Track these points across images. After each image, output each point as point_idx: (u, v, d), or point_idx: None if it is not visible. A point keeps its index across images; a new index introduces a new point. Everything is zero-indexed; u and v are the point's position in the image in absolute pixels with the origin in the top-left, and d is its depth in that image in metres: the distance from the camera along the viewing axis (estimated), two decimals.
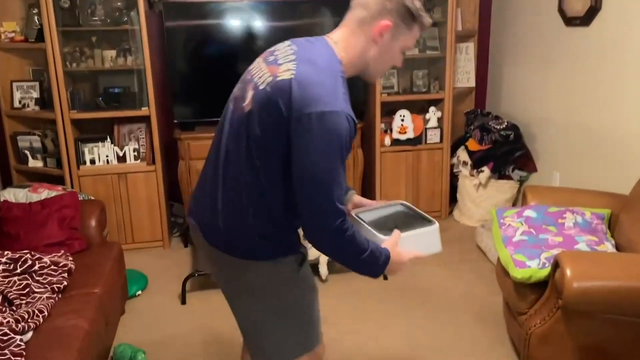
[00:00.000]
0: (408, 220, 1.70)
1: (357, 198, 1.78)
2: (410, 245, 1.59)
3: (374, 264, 1.48)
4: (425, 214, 1.72)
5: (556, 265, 2.10)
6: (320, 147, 1.33)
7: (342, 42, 1.48)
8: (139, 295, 3.10)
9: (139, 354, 2.44)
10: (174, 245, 3.79)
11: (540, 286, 2.24)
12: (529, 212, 2.62)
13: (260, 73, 1.46)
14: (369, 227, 1.59)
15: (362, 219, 1.64)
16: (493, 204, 3.92)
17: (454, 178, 4.17)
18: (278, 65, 1.43)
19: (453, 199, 4.23)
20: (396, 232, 1.57)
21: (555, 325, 2.13)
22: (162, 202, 3.67)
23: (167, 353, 2.58)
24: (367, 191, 4.13)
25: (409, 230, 1.61)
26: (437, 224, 1.66)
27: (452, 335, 2.68)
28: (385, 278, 3.26)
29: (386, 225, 1.63)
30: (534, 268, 2.23)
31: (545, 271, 2.19)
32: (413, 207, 1.77)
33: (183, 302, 3.03)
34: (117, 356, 2.46)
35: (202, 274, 3.08)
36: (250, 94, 1.45)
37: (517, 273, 2.25)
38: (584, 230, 2.47)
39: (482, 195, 3.98)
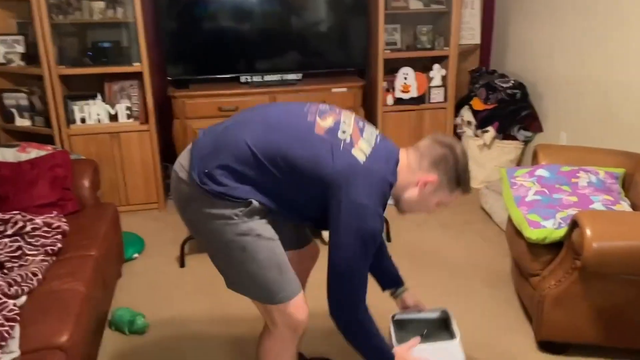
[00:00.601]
0: (437, 329, 1.87)
1: (409, 299, 1.96)
2: (428, 355, 1.72)
3: (377, 358, 1.64)
4: (455, 327, 1.82)
5: (574, 225, 2.02)
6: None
7: (402, 168, 1.58)
8: (135, 258, 3.00)
9: (138, 317, 2.36)
10: (170, 208, 3.68)
11: (554, 247, 2.17)
12: (541, 172, 2.53)
13: (346, 125, 1.56)
14: (393, 332, 1.81)
15: (395, 321, 1.88)
16: (497, 165, 3.83)
17: (457, 139, 4.05)
18: (361, 135, 1.56)
19: None
20: (414, 339, 1.73)
21: (570, 287, 2.07)
22: (157, 163, 3.54)
23: (166, 317, 2.50)
24: None
25: (431, 340, 1.77)
26: (457, 339, 1.75)
27: (459, 299, 2.62)
28: (389, 240, 3.18)
29: (416, 330, 1.84)
30: (550, 228, 2.15)
31: (562, 231, 2.11)
32: (451, 317, 1.89)
33: (182, 264, 2.94)
34: (115, 320, 2.38)
35: None
36: (329, 123, 1.55)
37: (532, 234, 2.16)
38: (599, 190, 2.38)
39: (485, 156, 3.89)
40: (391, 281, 1.97)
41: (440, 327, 1.90)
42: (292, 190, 1.52)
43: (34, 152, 2.82)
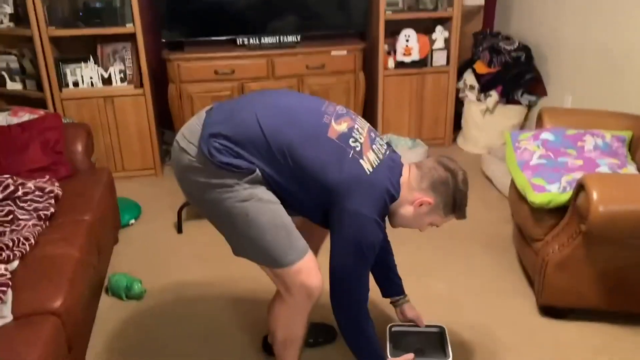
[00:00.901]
0: (431, 347, 1.92)
1: (409, 311, 1.99)
2: None
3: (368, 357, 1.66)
4: (449, 346, 1.87)
5: (580, 188, 1.97)
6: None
7: (402, 184, 1.60)
8: (132, 224, 2.96)
9: (135, 283, 2.33)
10: (167, 174, 3.62)
11: (558, 212, 2.12)
12: (546, 135, 2.46)
13: (358, 134, 1.57)
14: (388, 343, 1.88)
15: (392, 333, 1.95)
16: (499, 131, 3.76)
17: (459, 104, 3.97)
18: (372, 146, 1.58)
19: (457, 126, 4.06)
20: (408, 355, 1.77)
21: (574, 252, 2.03)
22: (153, 128, 3.46)
23: (163, 282, 2.47)
24: (369, 118, 3.94)
25: (424, 357, 1.85)
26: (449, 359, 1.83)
27: (459, 264, 2.59)
28: None
29: (411, 344, 1.92)
30: (554, 192, 2.10)
31: (567, 195, 2.06)
32: (446, 335, 1.93)
33: (179, 231, 2.90)
34: (112, 286, 2.35)
35: None
36: (343, 128, 1.56)
37: (536, 198, 2.12)
38: (605, 153, 2.32)
39: (488, 122, 3.81)
40: (393, 290, 2.01)
41: (436, 344, 1.93)
42: (295, 185, 1.53)
43: (26, 116, 2.75)
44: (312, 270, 1.58)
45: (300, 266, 1.55)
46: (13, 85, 3.41)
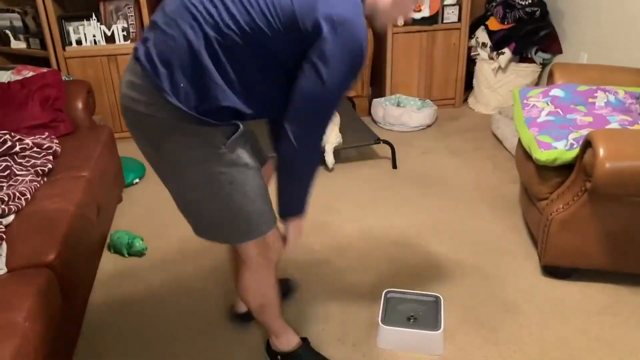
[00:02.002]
0: (425, 316, 1.89)
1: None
2: (412, 339, 1.82)
3: (302, 200, 1.51)
4: (441, 317, 1.85)
5: (587, 145, 1.90)
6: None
7: None
8: (136, 183, 2.96)
9: (137, 240, 2.34)
10: None
11: (564, 169, 2.06)
12: (556, 92, 2.37)
13: None
14: (382, 308, 1.90)
15: (387, 300, 1.94)
16: (512, 90, 3.65)
17: (470, 63, 3.86)
18: None
19: (468, 86, 3.95)
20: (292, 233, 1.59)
21: (579, 211, 1.97)
22: None
23: (165, 240, 2.48)
24: (377, 78, 3.85)
25: (416, 328, 1.83)
26: (440, 331, 1.80)
27: (464, 224, 2.54)
28: (395, 166, 3.09)
29: (405, 312, 1.91)
30: (561, 149, 2.02)
31: (573, 152, 1.99)
32: (441, 305, 1.91)
33: None
34: (113, 243, 2.37)
35: None
36: None
37: (541, 155, 2.05)
38: (617, 110, 2.23)
39: (500, 81, 3.70)
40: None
41: (430, 313, 1.91)
42: (258, 67, 1.30)
43: (29, 74, 2.73)
44: (277, 235, 1.53)
45: (272, 234, 1.50)
46: (17, 44, 3.39)
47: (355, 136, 3.13)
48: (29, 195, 1.88)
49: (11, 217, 1.78)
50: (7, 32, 3.37)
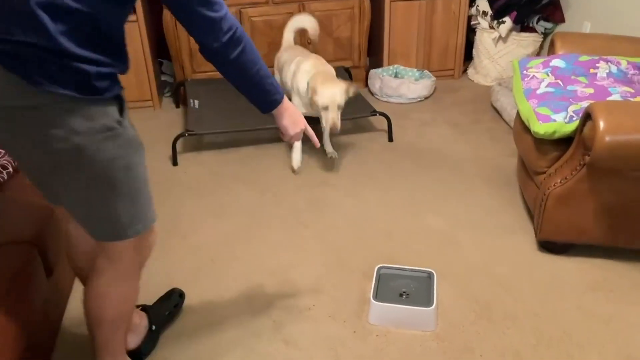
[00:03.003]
0: (417, 292, 1.86)
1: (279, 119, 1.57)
2: (405, 315, 1.78)
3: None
4: (434, 294, 1.82)
5: (586, 117, 1.84)
6: None
7: None
8: None
9: None
10: (165, 106, 3.54)
11: (563, 143, 2.00)
12: (556, 62, 2.30)
13: None
14: (374, 283, 1.87)
15: (380, 275, 1.92)
16: (512, 61, 3.55)
17: (470, 32, 3.75)
18: None
19: (468, 56, 3.86)
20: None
21: (577, 185, 1.92)
22: (148, 57, 3.34)
23: (157, 212, 2.43)
24: (374, 47, 3.75)
25: (408, 304, 1.81)
26: (432, 307, 1.77)
27: (460, 198, 2.50)
28: (391, 139, 3.03)
29: (397, 288, 1.88)
30: (560, 122, 1.96)
31: (572, 125, 1.93)
32: (434, 281, 1.88)
33: (174, 163, 2.85)
34: None
35: (194, 134, 2.86)
36: None
37: (540, 128, 1.99)
38: (619, 81, 2.16)
39: (500, 51, 3.60)
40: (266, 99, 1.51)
41: (423, 289, 1.88)
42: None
43: None
44: (154, 229, 1.43)
45: (154, 226, 1.40)
46: None
47: (351, 108, 3.06)
48: (10, 169, 1.83)
49: None
50: None
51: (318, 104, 2.48)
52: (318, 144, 1.64)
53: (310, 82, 2.55)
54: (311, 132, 1.59)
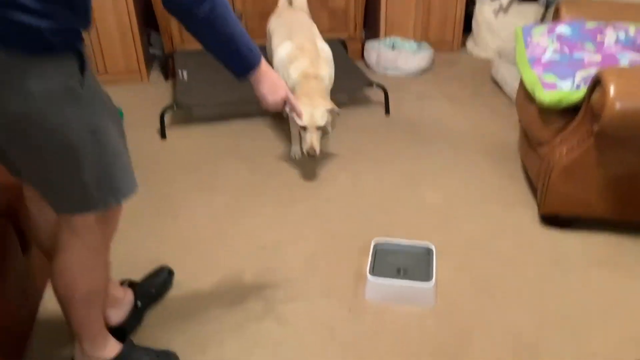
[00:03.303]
0: (415, 268, 1.78)
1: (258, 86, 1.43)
2: (402, 291, 1.70)
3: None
4: (433, 268, 1.75)
5: (595, 84, 1.74)
6: None
7: None
8: None
9: None
10: (154, 79, 3.41)
11: (569, 112, 1.90)
12: (562, 29, 2.19)
13: None
14: (371, 258, 1.79)
15: (376, 250, 1.83)
16: (512, 33, 3.44)
17: (470, 4, 3.63)
18: None
19: (467, 28, 3.74)
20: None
21: (583, 156, 1.83)
22: (135, 27, 3.20)
23: (145, 187, 2.32)
24: (371, 19, 3.62)
25: (406, 279, 1.72)
26: (432, 282, 1.69)
27: (459, 172, 2.41)
28: (387, 112, 2.92)
29: (394, 263, 1.80)
30: (566, 90, 1.87)
31: (580, 93, 1.83)
32: (434, 255, 1.81)
33: (163, 136, 2.73)
34: None
35: (182, 106, 2.74)
36: None
37: (545, 96, 1.89)
38: (627, 48, 2.06)
39: (501, 23, 3.49)
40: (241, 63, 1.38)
41: (421, 264, 1.80)
42: None
43: None
44: (121, 210, 1.33)
45: (120, 205, 1.27)
46: None
47: (346, 80, 2.95)
48: None
49: None
50: None
51: (296, 124, 2.24)
52: (302, 115, 1.53)
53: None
54: (293, 102, 1.48)
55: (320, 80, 2.30)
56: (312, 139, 2.19)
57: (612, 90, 1.64)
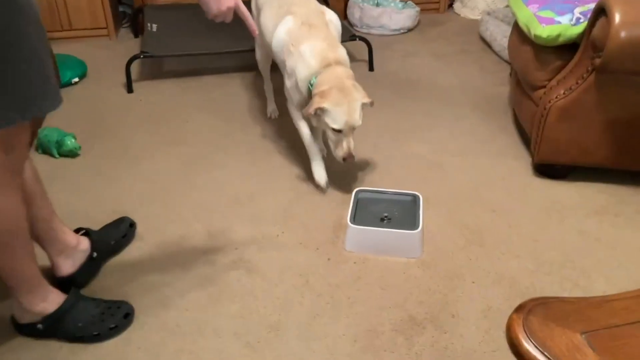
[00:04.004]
0: (401, 217, 1.64)
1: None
2: (386, 240, 1.56)
3: None
4: (420, 216, 1.61)
5: (597, 16, 1.59)
6: None
7: None
8: (75, 83, 2.59)
9: (68, 138, 2.01)
10: (123, 36, 3.19)
11: (567, 51, 1.76)
12: None
13: None
14: (352, 208, 1.64)
15: (358, 199, 1.69)
16: None
17: None
18: None
19: None
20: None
21: (582, 96, 1.69)
22: None
23: (105, 142, 2.14)
24: None
25: (391, 227, 1.59)
26: (418, 230, 1.55)
27: (447, 126, 2.26)
28: (372, 69, 2.76)
29: (378, 213, 1.65)
30: (565, 24, 1.72)
31: (579, 28, 1.69)
32: (420, 203, 1.66)
33: (129, 90, 2.54)
34: (41, 141, 2.03)
35: (150, 56, 2.54)
36: None
37: (543, 31, 1.74)
38: None
39: None
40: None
41: (406, 213, 1.65)
42: None
43: None
44: (28, 131, 1.13)
45: (27, 125, 1.09)
46: None
47: None
48: None
49: None
50: None
51: (327, 125, 1.68)
52: (256, 32, 1.32)
53: (315, 88, 1.69)
54: (246, 14, 1.26)
55: (345, 65, 1.75)
56: (349, 143, 1.69)
57: (617, 17, 1.49)
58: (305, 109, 1.68)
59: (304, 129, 1.85)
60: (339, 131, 1.66)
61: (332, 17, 1.90)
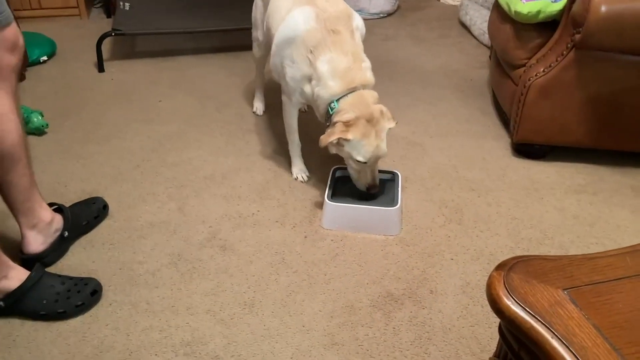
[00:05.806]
0: (379, 195, 1.59)
1: None
2: (364, 217, 1.52)
3: None
4: (399, 194, 1.57)
5: None
6: None
7: None
8: (44, 61, 2.49)
9: (34, 115, 1.93)
10: (95, 17, 3.09)
11: (547, 29, 1.75)
12: None
13: None
14: (329, 186, 1.60)
15: (336, 178, 1.66)
16: None
17: None
18: None
19: None
20: None
21: (562, 74, 1.68)
22: None
23: (73, 120, 2.06)
24: None
25: (370, 204, 1.55)
26: (397, 207, 1.52)
27: (426, 108, 2.23)
28: None
29: (356, 191, 1.58)
30: (546, 1, 1.70)
31: (559, 5, 1.67)
32: (399, 181, 1.63)
33: (100, 69, 2.45)
34: None
35: (122, 34, 2.46)
36: None
37: (523, 7, 1.72)
38: None
39: None
40: None
41: (385, 191, 1.61)
42: None
43: None
44: None
45: None
46: None
47: None
48: None
49: None
50: None
51: (349, 156, 1.51)
52: None
53: (337, 115, 1.47)
54: None
55: (370, 87, 1.57)
56: (374, 173, 1.54)
57: None
58: (324, 138, 1.46)
59: (293, 127, 1.73)
60: (363, 162, 1.50)
61: (359, 23, 1.64)
